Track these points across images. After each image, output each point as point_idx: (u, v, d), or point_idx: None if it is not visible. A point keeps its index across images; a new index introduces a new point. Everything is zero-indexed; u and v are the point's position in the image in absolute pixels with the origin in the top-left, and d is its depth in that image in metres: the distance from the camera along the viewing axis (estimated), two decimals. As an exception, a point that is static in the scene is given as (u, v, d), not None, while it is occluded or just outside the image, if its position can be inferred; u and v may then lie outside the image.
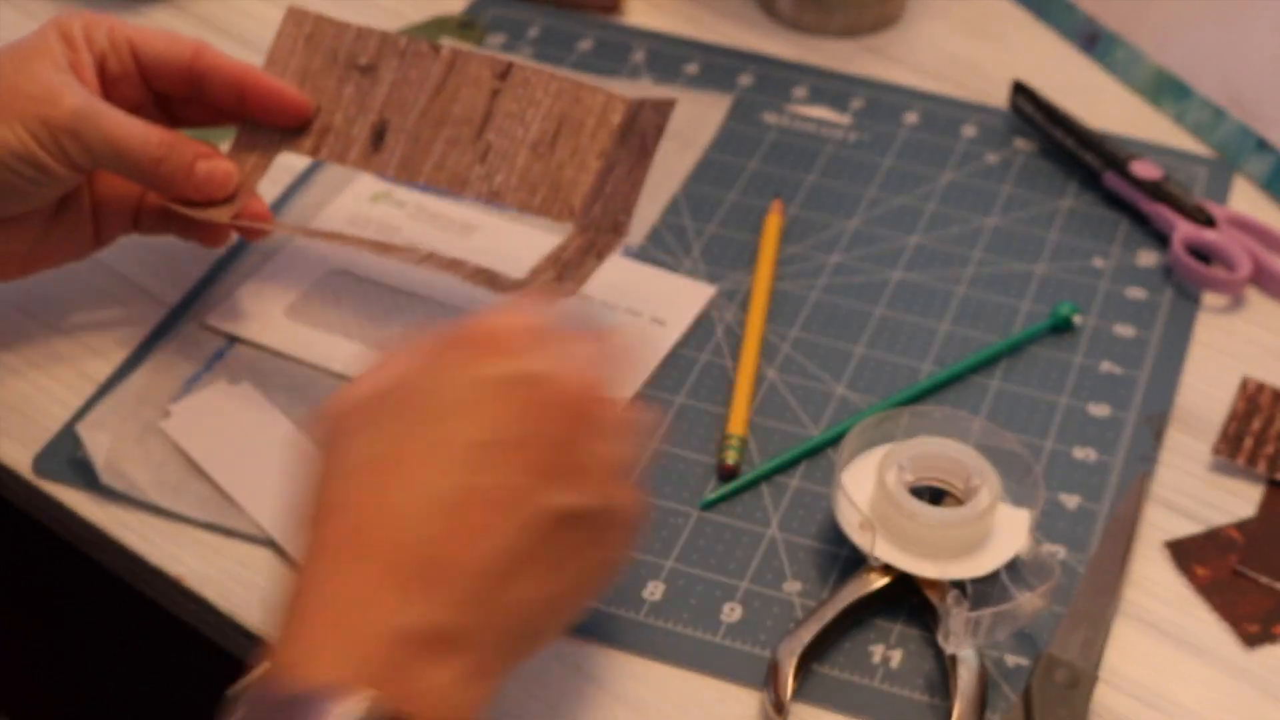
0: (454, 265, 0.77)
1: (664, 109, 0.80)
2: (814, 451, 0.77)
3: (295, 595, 0.57)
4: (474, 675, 0.56)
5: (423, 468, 0.57)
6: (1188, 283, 0.86)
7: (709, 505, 0.75)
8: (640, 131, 0.79)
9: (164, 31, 0.79)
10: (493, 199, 0.78)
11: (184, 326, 0.82)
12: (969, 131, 0.96)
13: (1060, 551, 0.73)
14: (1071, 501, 0.75)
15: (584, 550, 0.60)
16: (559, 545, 0.58)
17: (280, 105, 0.79)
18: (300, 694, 0.53)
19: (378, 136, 0.80)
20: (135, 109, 0.77)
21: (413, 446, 0.58)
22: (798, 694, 0.67)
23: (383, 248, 0.79)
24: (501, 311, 0.62)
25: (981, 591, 0.70)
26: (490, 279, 0.76)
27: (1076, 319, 0.83)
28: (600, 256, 0.77)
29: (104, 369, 0.80)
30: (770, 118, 0.96)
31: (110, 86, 0.77)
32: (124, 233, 0.81)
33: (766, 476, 0.76)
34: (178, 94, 0.79)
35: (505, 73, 0.79)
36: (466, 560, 0.56)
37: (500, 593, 0.57)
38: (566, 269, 0.76)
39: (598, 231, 0.78)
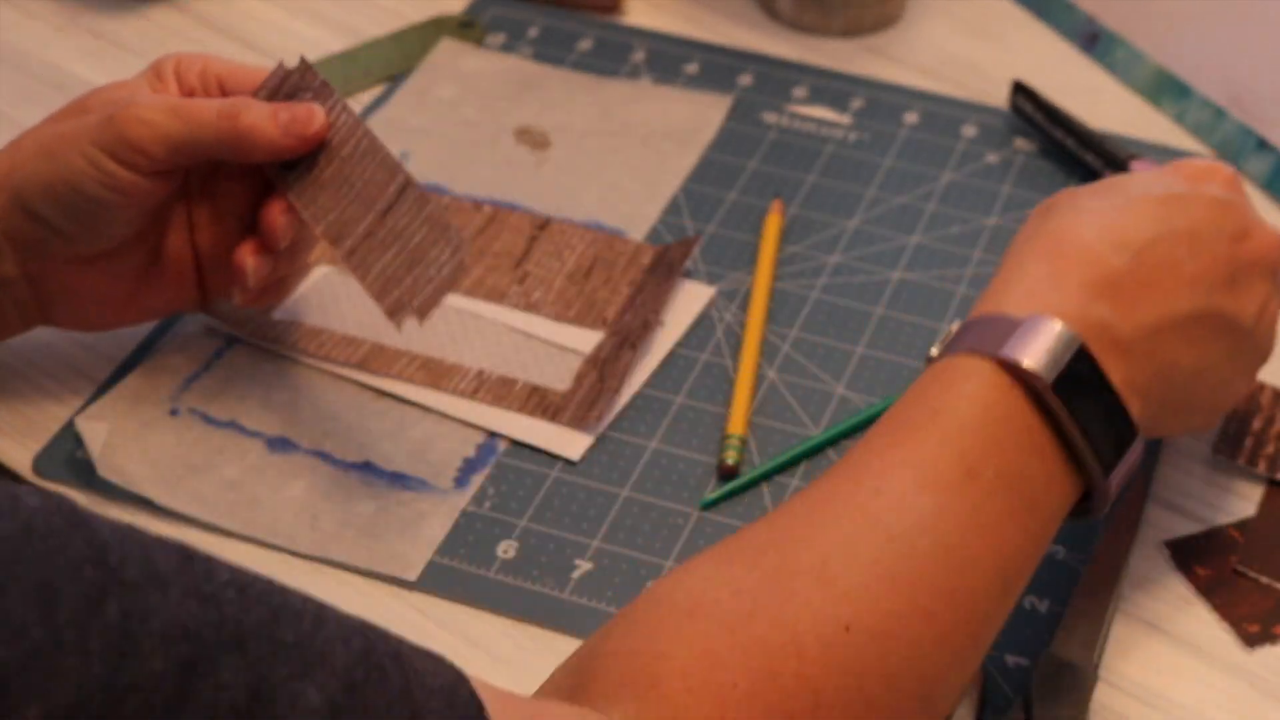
0: (505, 391, 0.79)
1: (689, 244, 0.85)
2: (814, 451, 0.77)
3: (993, 284, 0.66)
4: (1128, 388, 0.64)
5: (1119, 214, 0.67)
6: (1188, 283, 0.86)
7: (709, 505, 0.75)
8: (668, 261, 0.85)
9: (257, 70, 0.76)
10: (529, 310, 0.83)
11: (184, 326, 0.82)
12: (969, 131, 0.96)
13: (1060, 551, 0.73)
14: (1071, 501, 0.75)
15: (1229, 362, 0.69)
16: (1209, 340, 0.67)
17: None
18: (1013, 317, 0.63)
19: None
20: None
21: (1109, 203, 0.67)
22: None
23: (435, 375, 0.79)
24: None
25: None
26: (541, 399, 0.78)
27: None
28: (634, 348, 0.80)
29: (104, 369, 0.80)
30: (770, 118, 0.96)
31: None
32: (229, 287, 0.77)
33: (767, 476, 0.76)
34: None
35: (544, 225, 0.87)
36: (1146, 305, 0.65)
37: (1159, 341, 0.65)
38: (605, 366, 0.80)
39: (629, 329, 0.81)
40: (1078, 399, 0.62)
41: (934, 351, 0.65)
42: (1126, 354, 0.64)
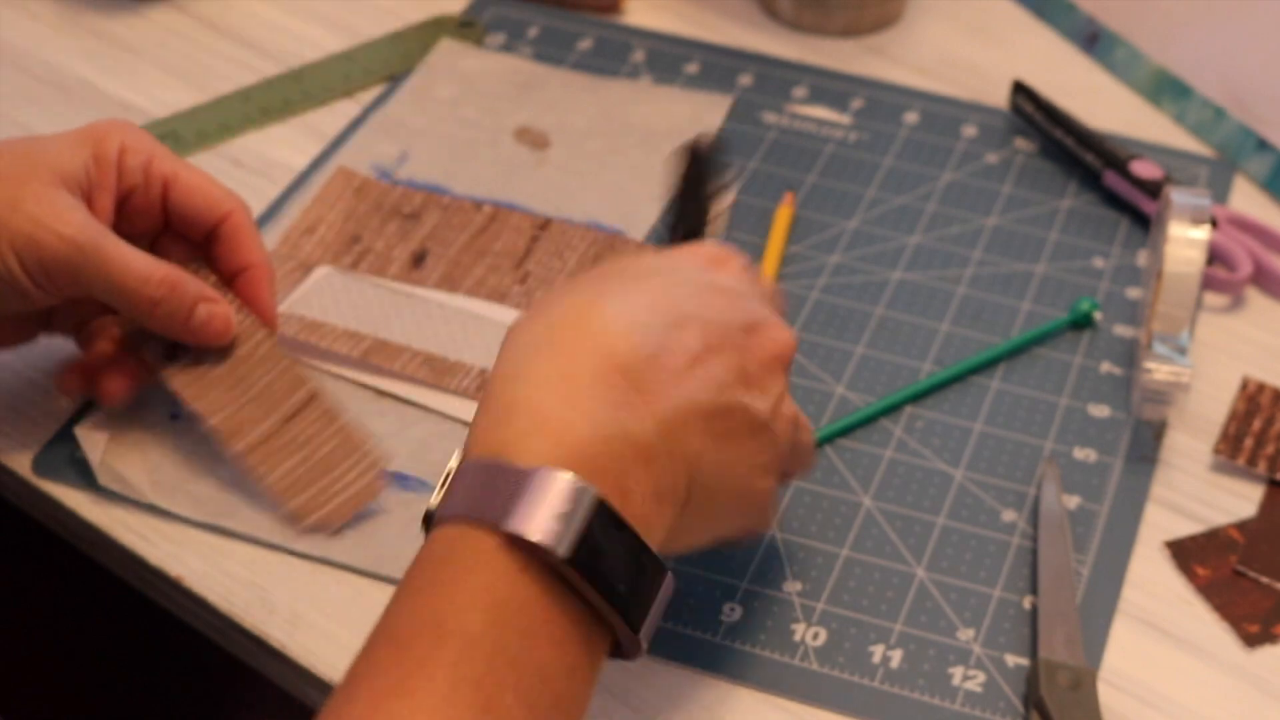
0: None
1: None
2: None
3: (490, 390, 0.60)
4: (658, 498, 0.59)
5: (634, 295, 0.61)
6: (1188, 283, 0.86)
7: (709, 505, 0.75)
8: None
9: (205, 180, 0.75)
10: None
11: (184, 326, 0.82)
12: (969, 131, 0.96)
13: (1060, 551, 0.73)
14: (1072, 502, 0.75)
15: (751, 460, 0.63)
16: (730, 437, 0.62)
17: (258, 309, 0.76)
18: (518, 467, 0.56)
19: (418, 260, 0.84)
20: (141, 236, 0.75)
21: (617, 286, 0.62)
22: (795, 693, 0.68)
23: (437, 372, 0.79)
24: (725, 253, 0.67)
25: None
26: None
27: (1097, 315, 0.83)
28: None
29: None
30: (770, 118, 0.96)
31: (127, 216, 0.74)
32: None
33: (766, 476, 0.76)
34: (190, 238, 0.76)
35: (545, 225, 0.87)
36: (666, 396, 0.60)
37: (682, 436, 0.60)
38: None
39: None
40: (598, 561, 0.56)
41: (434, 501, 0.59)
42: (651, 460, 0.59)
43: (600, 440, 0.58)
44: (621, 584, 0.57)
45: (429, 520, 0.59)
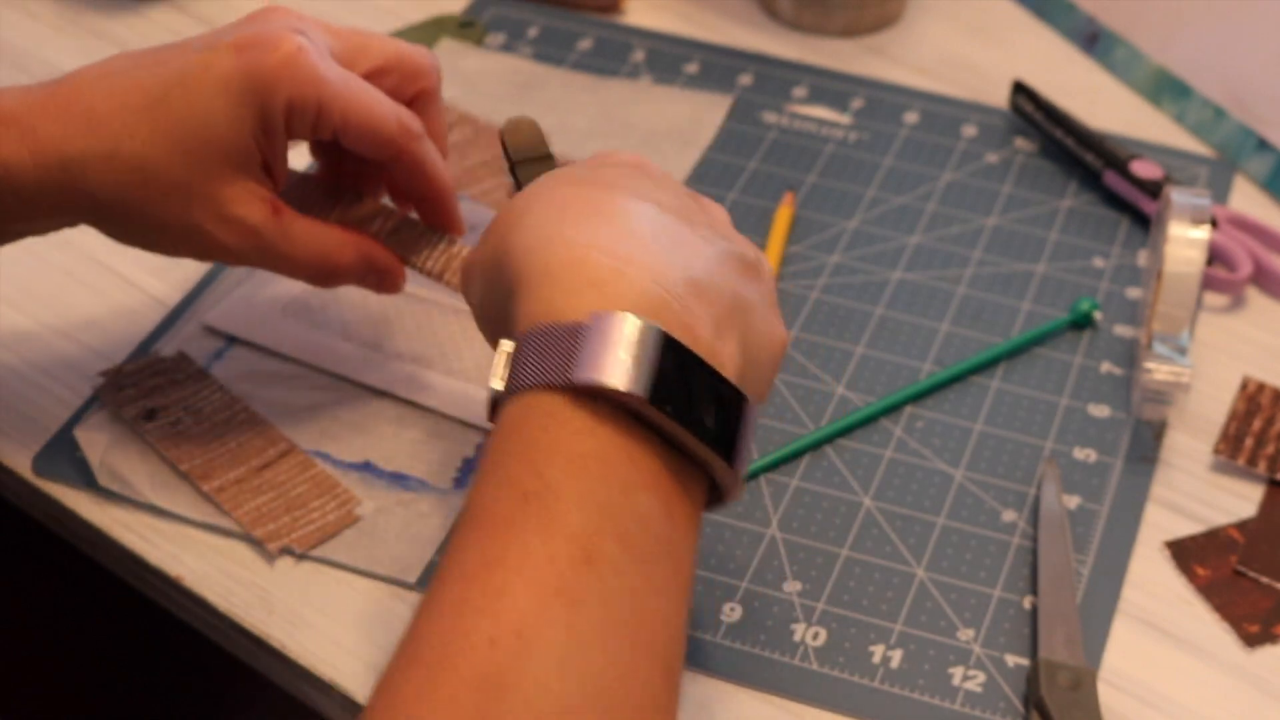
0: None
1: None
2: (814, 447, 0.77)
3: (515, 268, 0.58)
4: (719, 331, 0.58)
5: (626, 196, 0.60)
6: (1188, 283, 0.86)
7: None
8: None
9: (374, 118, 0.69)
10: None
11: (184, 326, 0.82)
12: (969, 131, 0.96)
13: (1060, 551, 0.73)
14: (1072, 502, 0.75)
15: (765, 298, 0.62)
16: (749, 277, 0.61)
17: (445, 218, 0.74)
18: (580, 322, 0.55)
19: None
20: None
21: (603, 192, 0.61)
22: (795, 693, 0.68)
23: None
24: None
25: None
26: None
27: (1098, 315, 0.83)
28: None
29: (104, 369, 0.80)
30: (770, 117, 0.96)
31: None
32: None
33: (766, 470, 0.76)
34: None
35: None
36: (701, 241, 0.60)
37: (723, 275, 0.60)
38: None
39: None
40: (677, 400, 0.54)
41: (498, 384, 0.56)
42: (702, 293, 0.58)
43: (650, 280, 0.56)
44: (707, 417, 0.55)
45: (495, 408, 0.56)
